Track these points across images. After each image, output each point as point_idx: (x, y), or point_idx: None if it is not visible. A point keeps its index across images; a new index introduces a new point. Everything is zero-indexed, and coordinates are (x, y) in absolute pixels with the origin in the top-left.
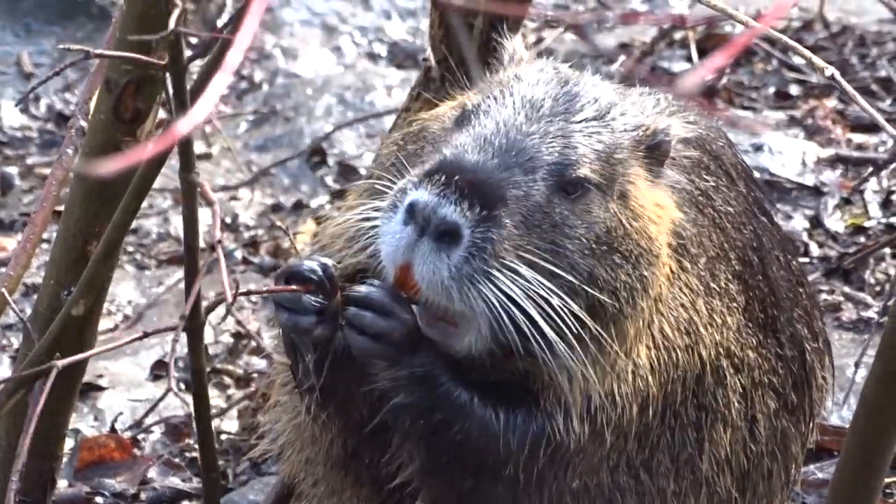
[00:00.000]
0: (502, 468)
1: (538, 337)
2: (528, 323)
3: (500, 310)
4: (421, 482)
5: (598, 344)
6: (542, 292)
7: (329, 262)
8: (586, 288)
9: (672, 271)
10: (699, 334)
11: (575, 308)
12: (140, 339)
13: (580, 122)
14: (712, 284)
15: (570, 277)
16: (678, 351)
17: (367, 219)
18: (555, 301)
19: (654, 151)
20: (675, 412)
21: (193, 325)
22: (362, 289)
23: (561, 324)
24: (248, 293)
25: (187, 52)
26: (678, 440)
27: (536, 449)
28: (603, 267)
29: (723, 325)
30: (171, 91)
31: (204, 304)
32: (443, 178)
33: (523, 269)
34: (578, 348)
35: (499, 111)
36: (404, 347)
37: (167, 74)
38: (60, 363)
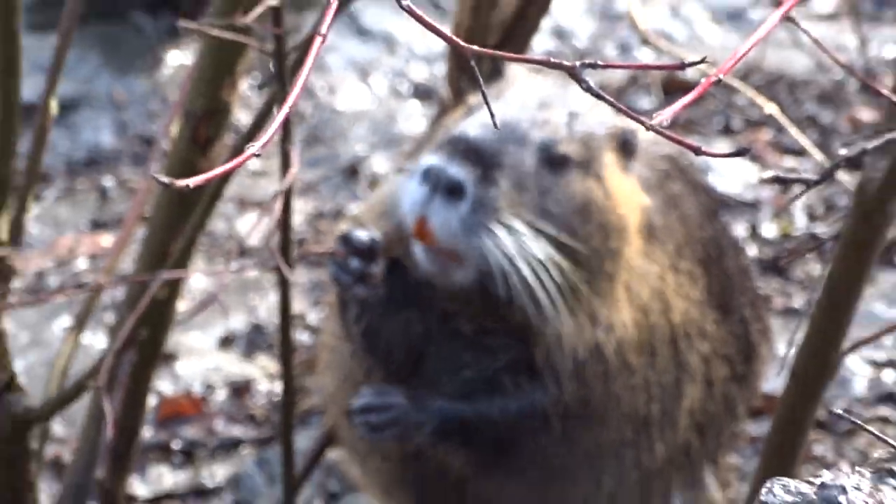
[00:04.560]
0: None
1: (526, 287)
2: (518, 274)
3: (497, 259)
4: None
5: (576, 296)
6: (532, 248)
7: (377, 235)
8: (567, 247)
9: (644, 249)
10: (670, 301)
11: (558, 261)
12: (238, 272)
13: (564, 113)
14: (679, 265)
15: (554, 236)
16: (654, 312)
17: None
18: (541, 255)
19: (624, 146)
20: (659, 368)
21: (280, 276)
22: (358, 400)
23: (546, 276)
24: (314, 253)
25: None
26: (668, 394)
27: (533, 422)
28: (579, 234)
29: (688, 297)
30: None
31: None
32: (450, 146)
33: (518, 226)
34: (560, 298)
35: (496, 103)
36: (409, 422)
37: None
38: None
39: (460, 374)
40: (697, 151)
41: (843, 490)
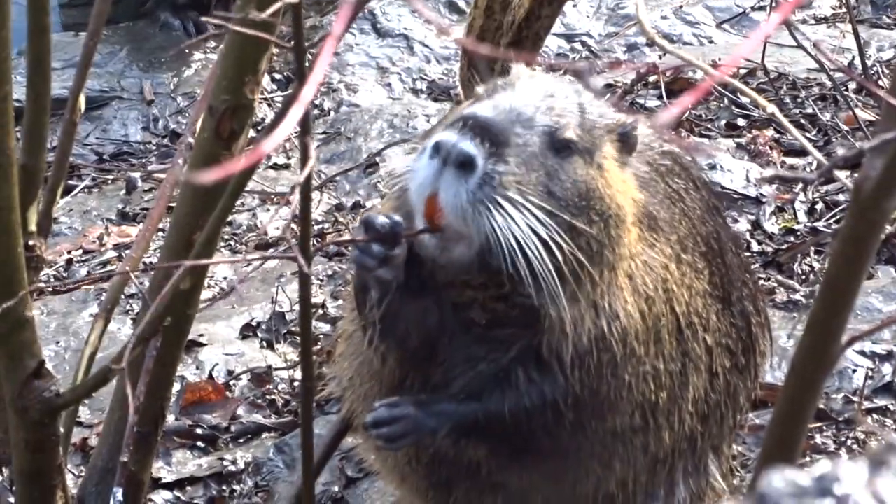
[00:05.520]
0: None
1: (528, 263)
2: (521, 250)
3: (503, 234)
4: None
5: (577, 281)
6: (535, 225)
7: (399, 219)
8: (570, 229)
9: (647, 240)
10: (674, 291)
11: (561, 241)
12: (262, 260)
13: (569, 103)
14: (683, 256)
15: (559, 216)
16: (658, 302)
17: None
18: (544, 233)
19: (624, 138)
20: (665, 357)
21: (301, 272)
22: (370, 416)
23: (549, 254)
24: (334, 243)
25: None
26: (674, 383)
27: (545, 415)
28: (580, 218)
29: (692, 287)
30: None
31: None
32: (461, 124)
33: (525, 202)
34: (560, 280)
35: (505, 92)
36: (421, 430)
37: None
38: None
39: (472, 365)
40: (690, 151)
41: (840, 480)
